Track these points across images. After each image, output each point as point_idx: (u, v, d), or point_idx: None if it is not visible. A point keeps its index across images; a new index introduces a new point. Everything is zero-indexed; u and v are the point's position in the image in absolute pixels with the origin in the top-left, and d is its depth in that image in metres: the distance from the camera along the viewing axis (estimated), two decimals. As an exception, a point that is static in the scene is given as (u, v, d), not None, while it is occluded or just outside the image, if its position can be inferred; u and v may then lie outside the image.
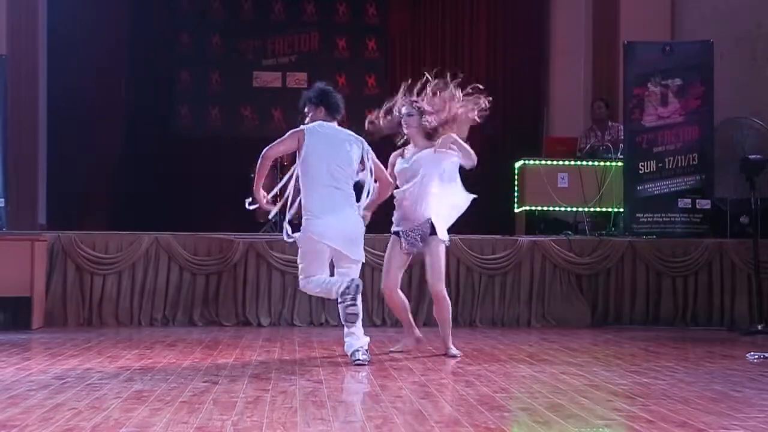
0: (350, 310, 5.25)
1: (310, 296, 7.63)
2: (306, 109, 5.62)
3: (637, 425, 3.65)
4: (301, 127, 5.53)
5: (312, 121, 5.56)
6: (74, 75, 10.84)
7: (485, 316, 7.87)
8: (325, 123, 5.52)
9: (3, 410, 3.79)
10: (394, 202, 5.74)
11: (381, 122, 5.71)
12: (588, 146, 9.46)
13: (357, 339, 5.31)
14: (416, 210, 5.62)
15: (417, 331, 5.91)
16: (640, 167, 8.58)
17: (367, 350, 5.34)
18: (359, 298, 5.31)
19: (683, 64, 8.63)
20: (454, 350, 5.73)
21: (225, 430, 3.43)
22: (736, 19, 9.80)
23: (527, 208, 9.17)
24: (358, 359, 5.24)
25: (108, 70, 11.16)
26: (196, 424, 3.53)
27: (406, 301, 5.89)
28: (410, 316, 5.93)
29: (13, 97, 9.45)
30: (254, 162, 10.44)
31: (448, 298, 5.77)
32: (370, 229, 5.61)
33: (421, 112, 5.65)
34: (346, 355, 5.45)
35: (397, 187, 5.71)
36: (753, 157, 7.70)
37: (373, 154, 5.58)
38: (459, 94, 5.64)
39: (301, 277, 5.51)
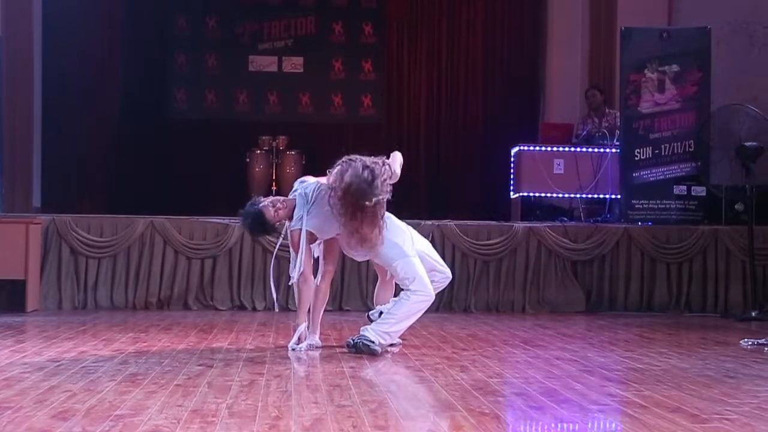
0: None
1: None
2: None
3: (631, 410, 3.66)
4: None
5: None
6: (70, 57, 10.78)
7: (480, 302, 7.88)
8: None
9: (-3, 392, 3.80)
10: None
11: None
12: (585, 132, 9.46)
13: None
14: None
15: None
16: (636, 154, 8.58)
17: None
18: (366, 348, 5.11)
19: (680, 50, 8.62)
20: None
21: (219, 413, 3.43)
22: (733, 5, 9.78)
23: (523, 194, 9.16)
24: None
25: (103, 52, 11.10)
26: (191, 407, 3.53)
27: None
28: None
29: (7, 80, 9.41)
30: (250, 145, 10.56)
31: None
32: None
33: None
34: (342, 340, 5.53)
35: None
36: (749, 144, 7.69)
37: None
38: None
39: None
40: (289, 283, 5.47)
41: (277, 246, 6.11)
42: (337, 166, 5.11)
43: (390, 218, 5.29)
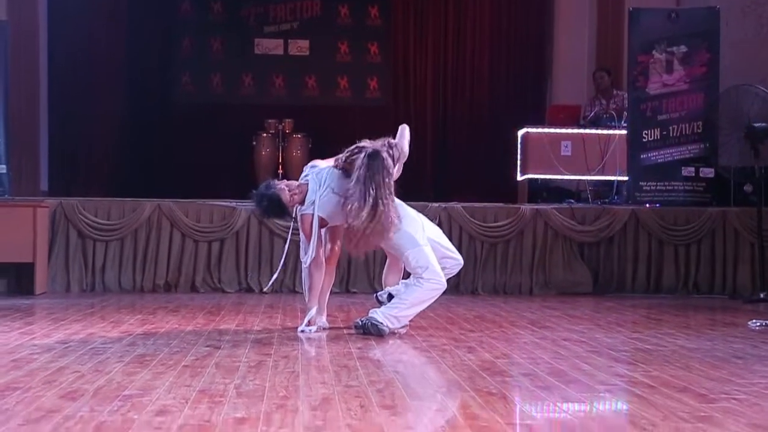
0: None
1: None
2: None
3: (639, 390, 3.65)
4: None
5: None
6: (75, 42, 10.76)
7: (487, 284, 7.88)
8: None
9: (6, 373, 3.81)
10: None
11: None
12: (592, 114, 9.41)
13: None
14: None
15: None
16: (644, 135, 8.54)
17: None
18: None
19: (689, 30, 8.56)
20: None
21: (227, 393, 3.44)
22: (742, -15, 9.70)
23: (530, 176, 9.14)
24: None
25: (109, 36, 11.08)
26: (199, 387, 3.54)
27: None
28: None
29: (14, 64, 9.38)
30: (256, 129, 10.56)
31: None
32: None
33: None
34: (349, 322, 5.54)
35: None
36: (758, 125, 7.64)
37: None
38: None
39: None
40: (304, 266, 5.37)
41: (290, 232, 6.00)
42: (346, 154, 5.13)
43: (402, 207, 5.26)
